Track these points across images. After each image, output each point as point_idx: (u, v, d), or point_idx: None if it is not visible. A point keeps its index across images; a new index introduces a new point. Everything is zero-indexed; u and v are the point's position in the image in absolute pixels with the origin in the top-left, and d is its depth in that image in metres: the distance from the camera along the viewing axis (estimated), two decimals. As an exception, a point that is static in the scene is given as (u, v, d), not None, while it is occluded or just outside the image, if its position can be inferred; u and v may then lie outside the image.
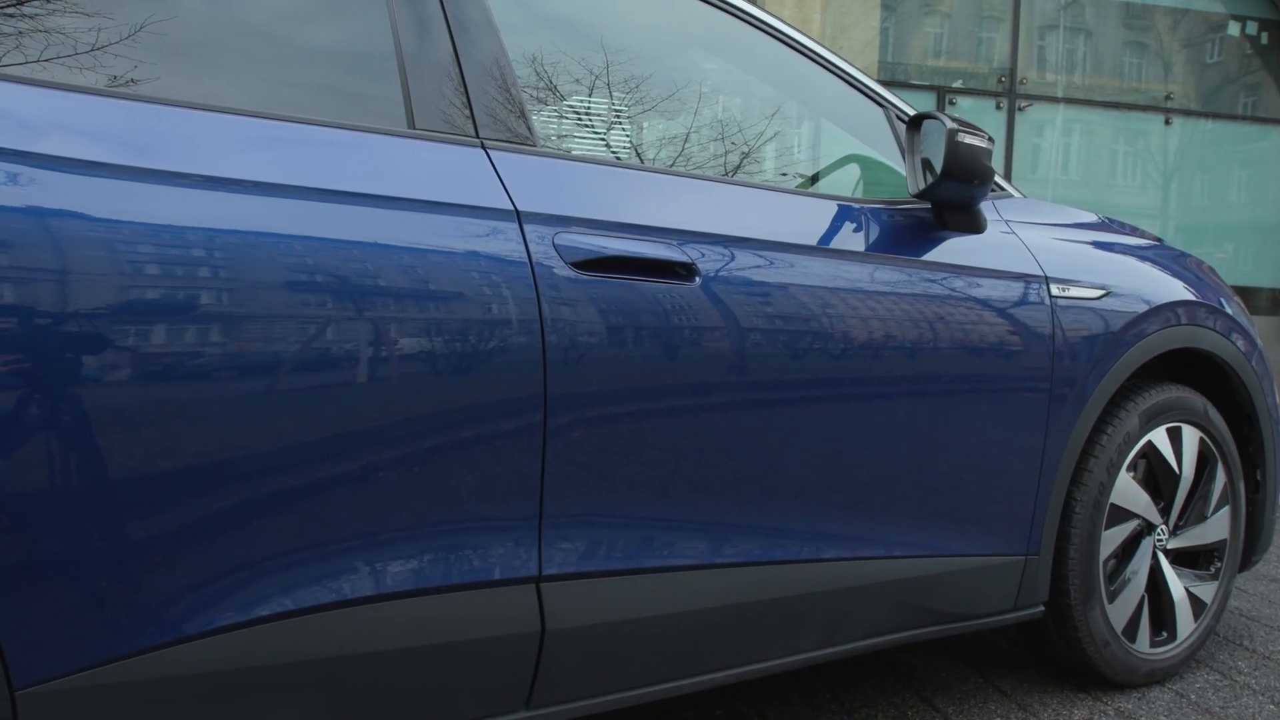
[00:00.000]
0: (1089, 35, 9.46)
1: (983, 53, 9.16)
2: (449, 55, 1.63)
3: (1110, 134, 9.49)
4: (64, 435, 1.24)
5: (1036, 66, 9.21)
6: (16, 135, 1.27)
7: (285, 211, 1.39)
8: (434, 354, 1.47)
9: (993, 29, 9.24)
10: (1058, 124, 9.32)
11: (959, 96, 8.88)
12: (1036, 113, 9.13)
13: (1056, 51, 9.33)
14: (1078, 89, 9.32)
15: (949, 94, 8.84)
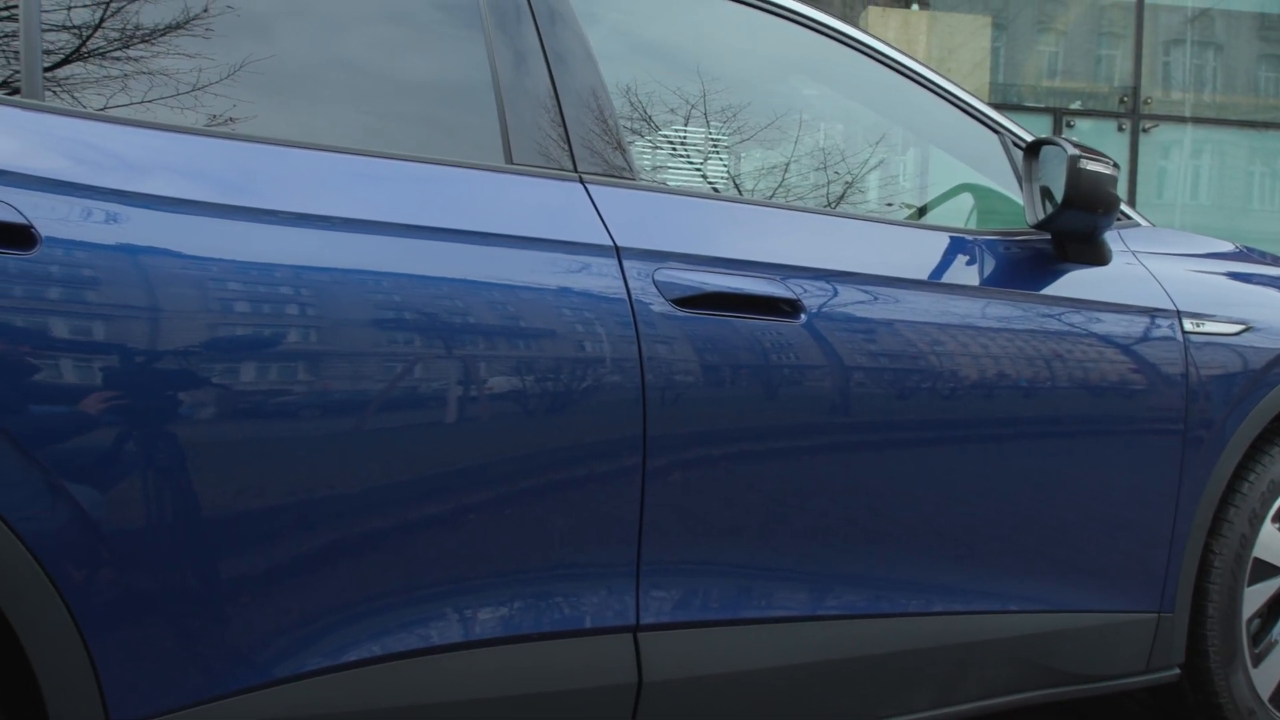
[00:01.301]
0: (1219, 49, 9.18)
1: (1102, 71, 8.96)
2: (546, 87, 1.66)
3: (1244, 155, 9.16)
4: (159, 473, 1.29)
5: (1161, 85, 8.96)
6: (122, 175, 1.34)
7: (376, 248, 1.43)
8: (528, 394, 1.49)
9: (1113, 45, 9.04)
10: (1186, 145, 9.04)
11: (1077, 118, 8.69)
12: (1162, 134, 8.87)
13: (1183, 68, 9.07)
14: (1207, 107, 9.03)
15: (1066, 116, 8.65)
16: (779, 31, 2.05)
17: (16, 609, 1.23)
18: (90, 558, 1.27)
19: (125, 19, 1.46)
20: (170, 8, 1.48)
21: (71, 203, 1.29)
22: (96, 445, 1.27)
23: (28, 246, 1.25)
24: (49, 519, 1.25)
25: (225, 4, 1.52)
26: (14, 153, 1.30)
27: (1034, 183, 2.04)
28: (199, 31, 1.49)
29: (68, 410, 1.26)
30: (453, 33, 1.69)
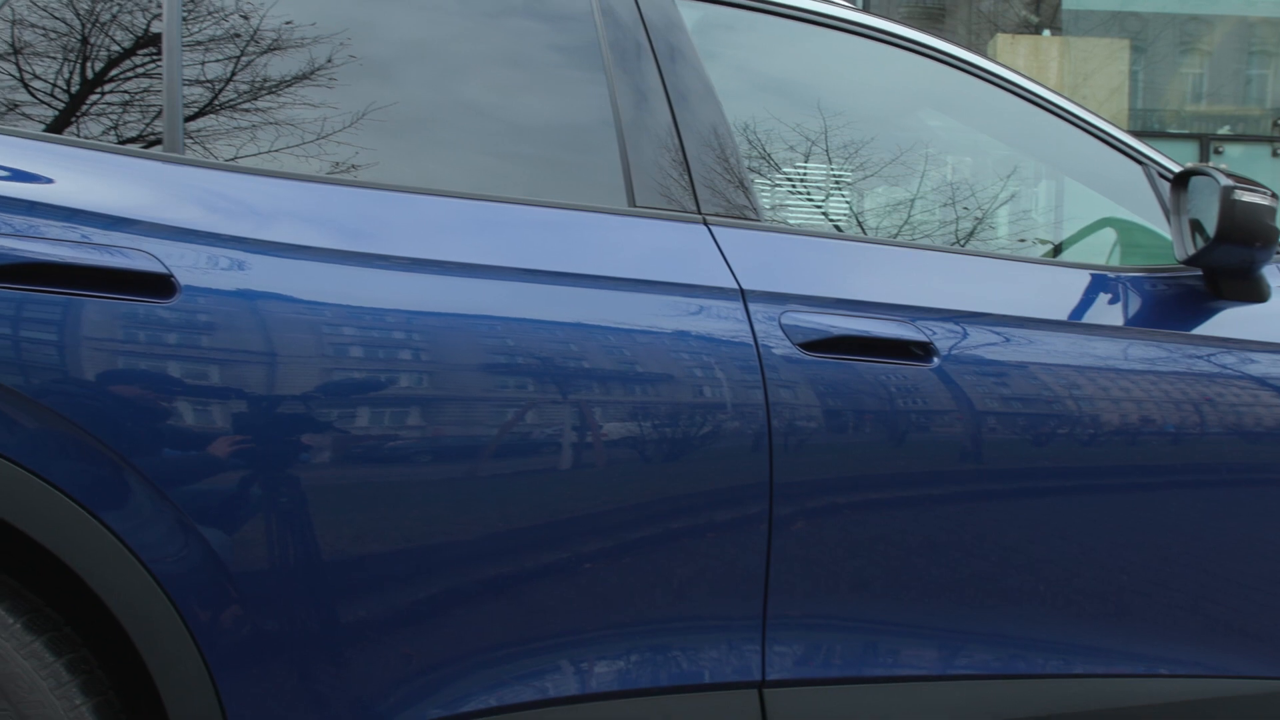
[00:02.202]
0: (1385, 67, 8.76)
1: (1253, 93, 8.63)
2: (668, 126, 1.69)
3: None
4: (282, 515, 1.36)
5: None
6: (250, 223, 1.42)
7: (489, 293, 1.48)
8: (647, 440, 1.50)
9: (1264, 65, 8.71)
10: (1349, 170, 8.62)
11: (1226, 144, 8.38)
12: (1322, 159, 8.48)
13: (1345, 87, 8.67)
14: (1373, 129, 8.60)
15: (1214, 142, 8.35)
16: (903, 64, 2.05)
17: (150, 648, 1.30)
18: (219, 598, 1.33)
19: (255, 71, 1.55)
20: (297, 59, 1.56)
21: (205, 251, 1.37)
22: (224, 487, 1.34)
23: (167, 295, 1.33)
24: (181, 559, 1.32)
25: (348, 53, 1.59)
26: (155, 204, 1.39)
27: (1182, 216, 1.98)
28: (323, 81, 1.57)
29: (198, 452, 1.33)
30: (573, 74, 1.73)
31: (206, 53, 1.54)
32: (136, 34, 1.53)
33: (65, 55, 1.50)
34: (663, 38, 1.72)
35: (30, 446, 1.28)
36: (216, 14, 1.56)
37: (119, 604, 1.29)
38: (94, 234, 1.34)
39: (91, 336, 1.31)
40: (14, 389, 1.27)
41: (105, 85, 1.51)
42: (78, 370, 1.30)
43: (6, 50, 1.47)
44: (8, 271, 1.29)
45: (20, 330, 1.28)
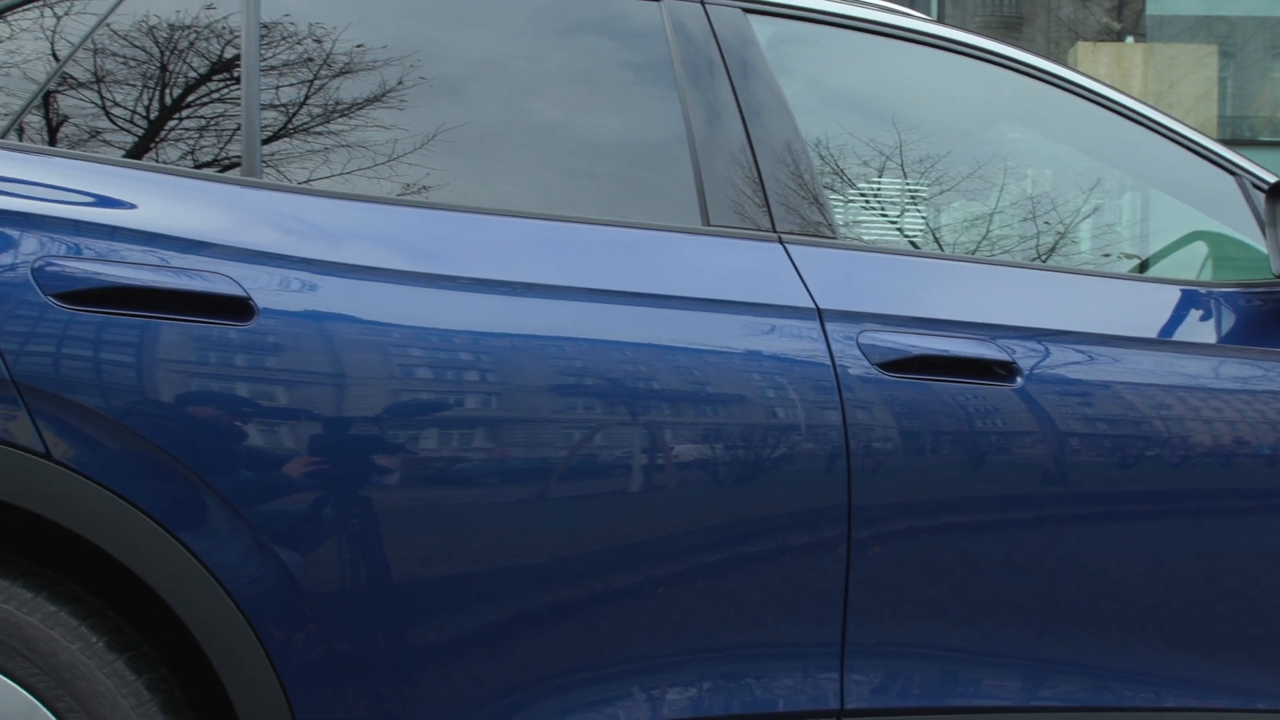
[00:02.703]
0: None
1: (1351, 98, 8.39)
2: (742, 143, 1.69)
3: None
4: (353, 536, 1.40)
5: None
6: (323, 246, 1.46)
7: (558, 314, 1.50)
8: (720, 462, 1.51)
9: (1362, 69, 8.47)
10: None
11: (1322, 152, 8.15)
12: None
13: None
14: None
15: (1309, 149, 8.13)
16: (980, 76, 2.04)
17: (227, 667, 1.33)
18: (294, 618, 1.37)
19: (327, 94, 1.59)
20: (368, 81, 1.61)
21: (281, 274, 1.41)
22: (299, 507, 1.38)
23: (246, 318, 1.37)
24: (257, 579, 1.36)
25: (419, 75, 1.63)
26: (233, 227, 1.44)
27: (1279, 228, 1.93)
28: (394, 103, 1.61)
29: (273, 473, 1.37)
30: (645, 91, 1.76)
31: (280, 77, 1.59)
32: (215, 60, 1.59)
33: (145, 82, 1.56)
34: (735, 53, 1.73)
35: (112, 467, 1.33)
36: (290, 38, 1.61)
37: (197, 623, 1.33)
38: (174, 258, 1.38)
39: (172, 358, 1.35)
40: (96, 410, 1.32)
41: (184, 111, 1.56)
42: (158, 391, 1.35)
43: (89, 78, 1.53)
44: (92, 295, 1.34)
45: (103, 353, 1.34)
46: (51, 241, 1.36)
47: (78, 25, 1.54)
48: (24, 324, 1.32)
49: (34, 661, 1.30)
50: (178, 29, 1.58)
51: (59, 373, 1.32)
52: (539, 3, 1.76)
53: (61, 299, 1.33)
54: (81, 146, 1.50)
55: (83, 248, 1.37)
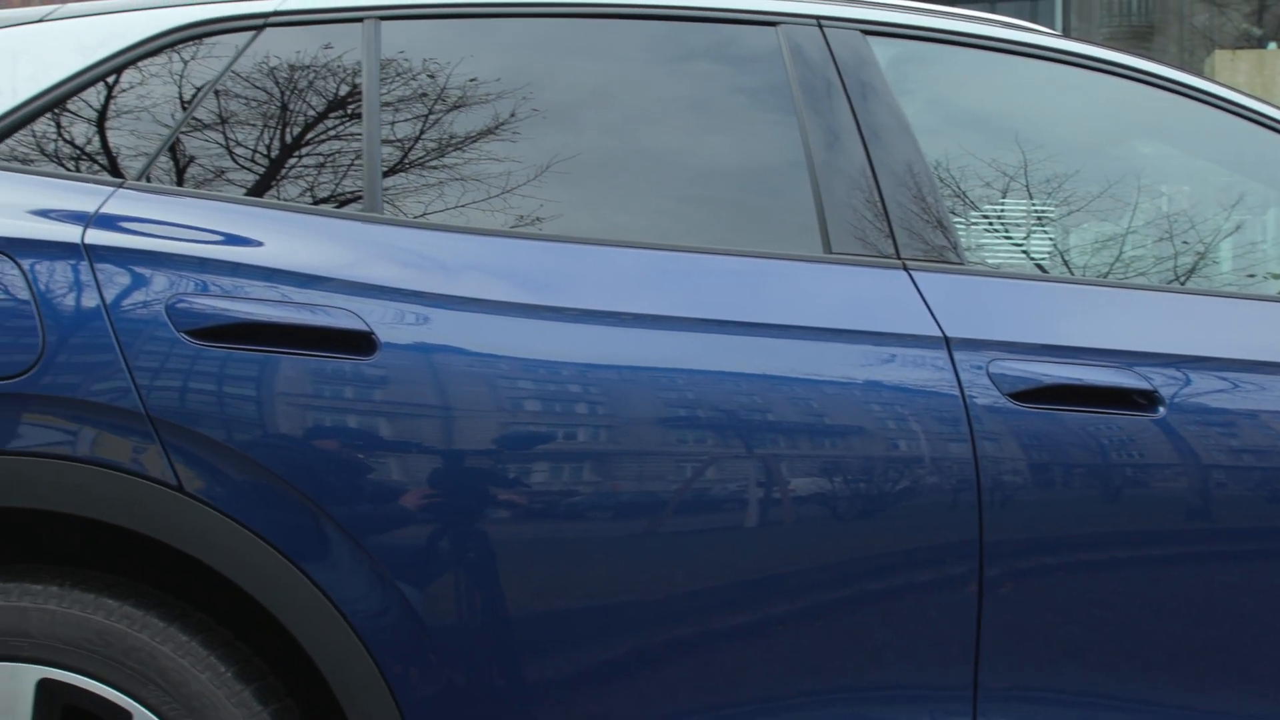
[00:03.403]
0: None
1: None
2: (863, 167, 1.69)
3: None
4: (470, 569, 1.44)
5: None
6: (439, 279, 1.51)
7: (671, 345, 1.52)
8: (842, 497, 1.51)
9: None
10: None
11: None
12: None
13: None
14: None
15: None
16: (1110, 90, 2.00)
17: (350, 700, 1.38)
18: (414, 650, 1.41)
19: (442, 128, 1.65)
20: (481, 115, 1.66)
21: (401, 308, 1.47)
22: (418, 539, 1.43)
23: (368, 352, 1.43)
24: (378, 611, 1.41)
25: (530, 107, 1.68)
26: (355, 262, 1.50)
27: None
28: (507, 135, 1.66)
29: (394, 505, 1.42)
30: (762, 116, 1.77)
31: (396, 113, 1.65)
32: (336, 99, 1.66)
33: (269, 122, 1.64)
34: (854, 74, 1.73)
35: (239, 500, 1.40)
36: (405, 74, 1.68)
37: (320, 654, 1.39)
38: (299, 293, 1.45)
39: (297, 392, 1.42)
40: (225, 443, 1.39)
41: (307, 149, 1.64)
42: (285, 425, 1.41)
43: (216, 121, 1.62)
44: (222, 331, 1.41)
45: (233, 387, 1.41)
46: (184, 279, 1.44)
47: (204, 69, 1.64)
48: (158, 360, 1.40)
49: (166, 690, 1.37)
50: (299, 69, 1.66)
51: (191, 407, 1.40)
52: (652, 29, 1.78)
53: (193, 335, 1.41)
54: (209, 186, 1.58)
55: (214, 285, 1.45)
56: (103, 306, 1.42)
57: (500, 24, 1.74)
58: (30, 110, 1.58)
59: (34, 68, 1.62)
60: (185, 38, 1.65)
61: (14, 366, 1.39)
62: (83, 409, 1.40)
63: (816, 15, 1.76)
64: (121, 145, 1.59)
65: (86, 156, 1.59)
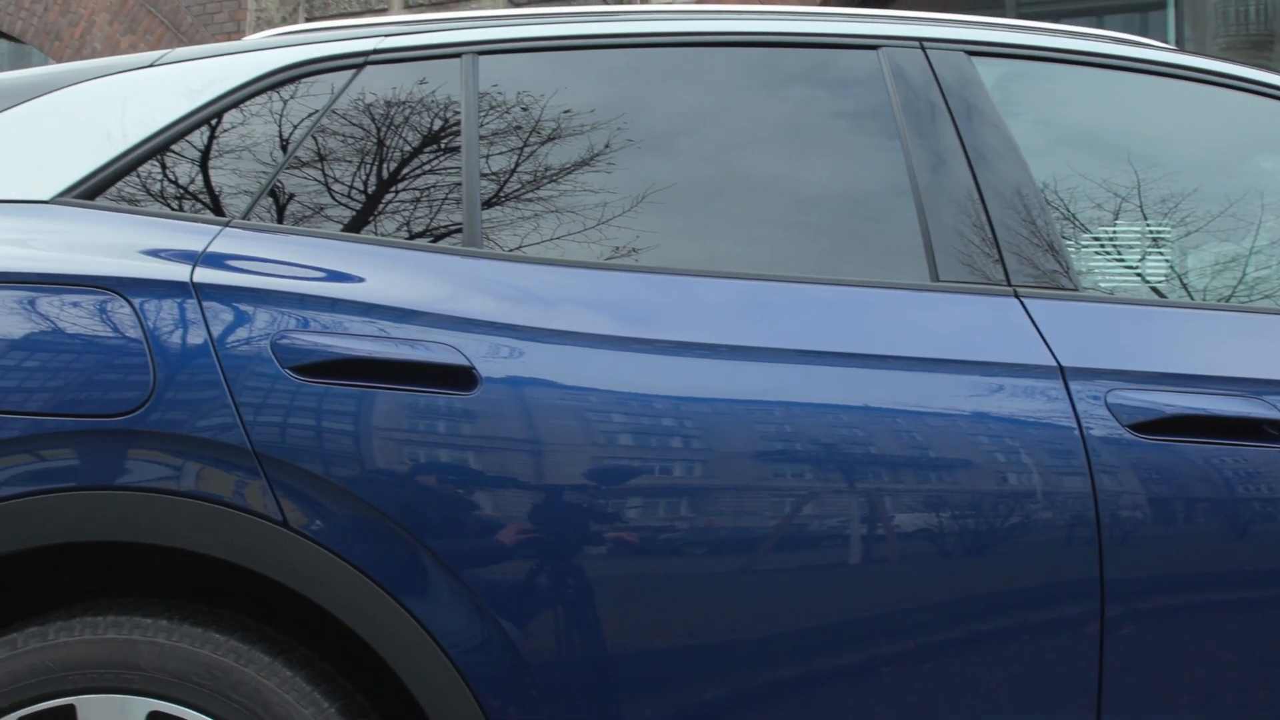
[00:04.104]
0: None
1: None
2: (970, 191, 1.67)
3: None
4: (568, 605, 1.45)
5: None
6: (536, 312, 1.53)
7: (767, 377, 1.52)
8: (950, 533, 1.48)
9: None
10: None
11: None
12: None
13: None
14: None
15: None
16: (1229, 104, 1.96)
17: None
18: (514, 687, 1.43)
19: (538, 160, 1.68)
20: (576, 146, 1.69)
21: (501, 342, 1.50)
22: (517, 574, 1.44)
23: (469, 387, 1.46)
24: (478, 646, 1.43)
25: (626, 137, 1.70)
26: (453, 296, 1.54)
27: None
28: (602, 166, 1.68)
29: (492, 539, 1.44)
30: (863, 140, 1.76)
31: (494, 146, 1.69)
32: (434, 134, 1.70)
33: (366, 158, 1.69)
34: (958, 95, 1.72)
35: (341, 534, 1.44)
36: (503, 108, 1.71)
37: (421, 689, 1.41)
38: (399, 328, 1.49)
39: (399, 427, 1.46)
40: (329, 478, 1.43)
41: (406, 184, 1.68)
42: (387, 460, 1.45)
43: (317, 159, 1.67)
44: (326, 367, 1.46)
45: (337, 422, 1.45)
46: (288, 316, 1.49)
47: (306, 109, 1.70)
48: (264, 396, 1.45)
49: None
50: (399, 106, 1.71)
51: (295, 442, 1.45)
52: (748, 55, 1.79)
53: (297, 371, 1.46)
54: (312, 223, 1.64)
55: (317, 322, 1.49)
56: (210, 343, 1.47)
57: (596, 55, 1.76)
58: (139, 154, 1.66)
59: (142, 112, 1.70)
60: (287, 78, 1.71)
61: (126, 404, 1.45)
62: (189, 444, 1.45)
63: (919, 37, 1.76)
64: (226, 185, 1.66)
65: (193, 196, 1.66)
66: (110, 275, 1.51)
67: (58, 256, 1.54)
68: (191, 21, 7.59)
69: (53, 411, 1.46)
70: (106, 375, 1.47)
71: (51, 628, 1.44)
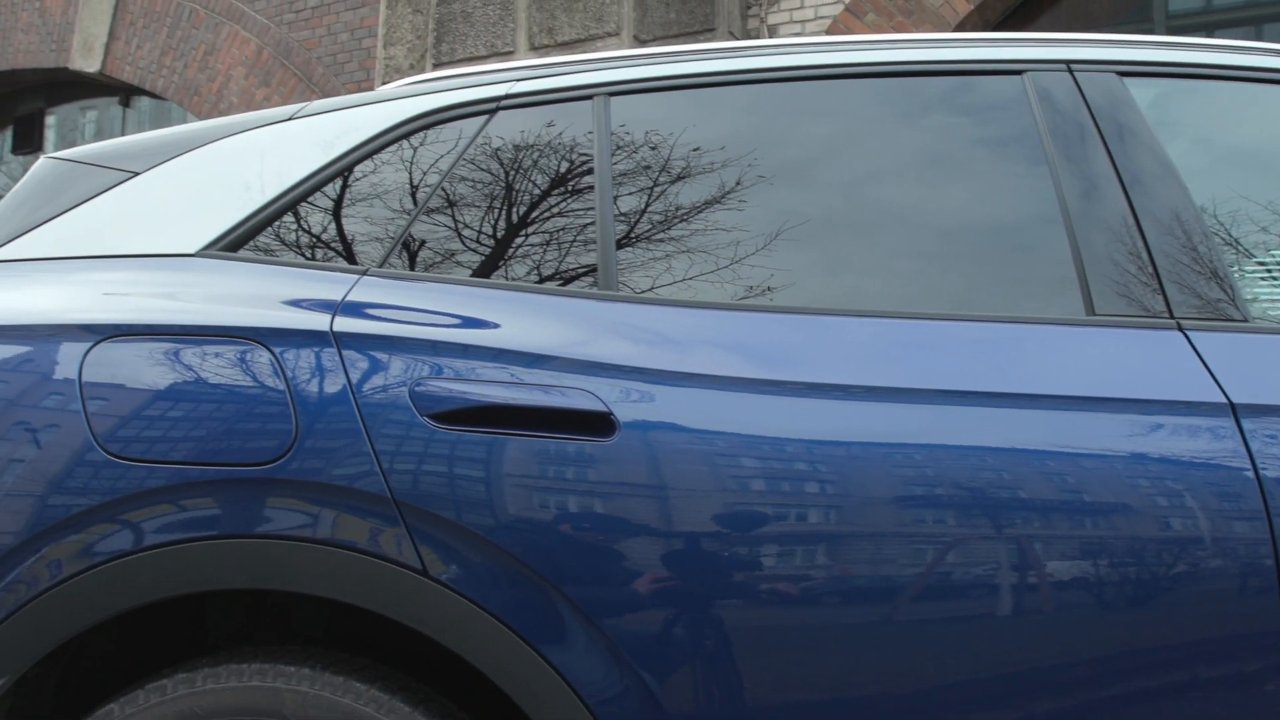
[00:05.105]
0: None
1: None
2: (1125, 218, 1.62)
3: None
4: (707, 656, 1.43)
5: None
6: (670, 355, 1.54)
7: (906, 419, 1.49)
8: (1109, 581, 1.43)
9: None
10: None
11: None
12: None
13: None
14: None
15: None
16: None
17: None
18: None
19: (673, 201, 1.69)
20: (711, 184, 1.69)
21: (633, 386, 1.50)
22: (655, 623, 1.44)
23: (607, 433, 1.48)
24: (618, 696, 1.43)
25: (759, 174, 1.70)
26: (587, 340, 1.56)
27: None
28: (736, 204, 1.68)
29: (630, 588, 1.44)
30: (1008, 168, 1.71)
31: (628, 187, 1.71)
32: (567, 177, 1.73)
33: (501, 203, 1.73)
34: (1109, 117, 1.68)
35: (480, 582, 1.46)
36: (632, 147, 1.73)
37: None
38: (539, 374, 1.52)
39: (537, 474, 1.48)
40: (469, 526, 1.46)
41: (540, 228, 1.71)
42: (525, 507, 1.47)
43: (451, 204, 1.72)
44: (463, 414, 1.49)
45: (475, 470, 1.48)
46: (426, 364, 1.53)
47: (440, 156, 1.75)
48: (403, 444, 1.49)
49: None
50: (532, 150, 1.74)
51: (435, 490, 1.48)
52: (883, 85, 1.77)
53: (435, 418, 1.49)
54: (447, 270, 1.68)
55: (455, 369, 1.53)
56: (350, 392, 1.52)
57: (728, 91, 1.77)
58: (279, 206, 1.73)
59: (281, 165, 1.77)
60: (421, 126, 1.77)
61: (268, 452, 1.51)
62: (328, 492, 1.49)
63: (1066, 60, 1.72)
64: (363, 233, 1.71)
65: (330, 246, 1.72)
66: (253, 326, 1.58)
67: (203, 308, 1.62)
68: (323, 72, 7.90)
69: (196, 461, 1.52)
70: (249, 424, 1.52)
71: (199, 674, 1.50)
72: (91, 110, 9.84)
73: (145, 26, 8.71)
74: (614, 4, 5.98)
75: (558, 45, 6.03)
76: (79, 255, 1.74)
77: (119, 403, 1.56)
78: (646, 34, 6.06)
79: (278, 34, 8.10)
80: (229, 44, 8.28)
